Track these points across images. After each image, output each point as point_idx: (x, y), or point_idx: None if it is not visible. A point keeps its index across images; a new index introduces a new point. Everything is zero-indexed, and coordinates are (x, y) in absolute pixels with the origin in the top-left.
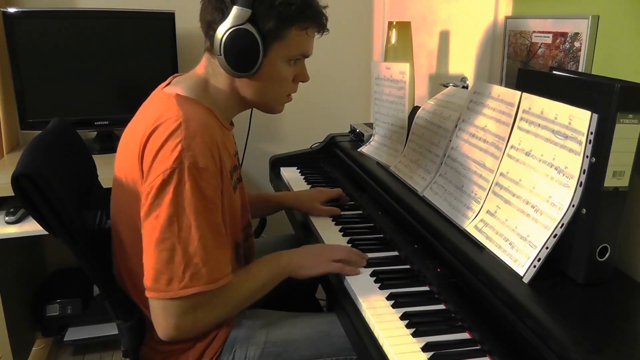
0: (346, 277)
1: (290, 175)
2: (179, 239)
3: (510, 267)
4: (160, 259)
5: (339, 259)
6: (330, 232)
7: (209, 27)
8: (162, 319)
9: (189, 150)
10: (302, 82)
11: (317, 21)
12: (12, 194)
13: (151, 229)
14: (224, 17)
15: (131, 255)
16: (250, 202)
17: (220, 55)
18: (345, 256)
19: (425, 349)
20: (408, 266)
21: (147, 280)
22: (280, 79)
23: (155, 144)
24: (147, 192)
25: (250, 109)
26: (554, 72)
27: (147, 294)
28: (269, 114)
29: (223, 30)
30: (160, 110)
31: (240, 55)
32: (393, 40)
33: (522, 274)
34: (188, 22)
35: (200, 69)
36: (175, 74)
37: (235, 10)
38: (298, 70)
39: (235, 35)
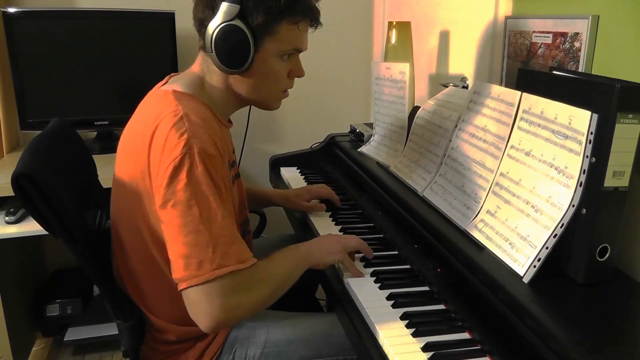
0: (347, 277)
1: (290, 175)
2: (201, 220)
3: (510, 267)
4: (187, 244)
5: (353, 247)
6: (329, 232)
7: (201, 25)
8: (205, 304)
9: (196, 137)
10: (298, 77)
11: (309, 15)
12: (12, 194)
13: (171, 218)
14: (214, 13)
15: (131, 255)
16: None
17: (212, 52)
18: (358, 246)
19: (425, 349)
20: (408, 266)
21: (178, 271)
22: (274, 75)
23: (161, 139)
24: (159, 185)
25: (248, 107)
26: (554, 72)
27: (181, 286)
28: (268, 113)
29: (213, 26)
30: (160, 106)
31: (231, 51)
32: (393, 40)
33: (522, 274)
34: (188, 22)
35: (196, 67)
36: (171, 74)
37: (224, 6)
38: (292, 66)
39: (225, 31)
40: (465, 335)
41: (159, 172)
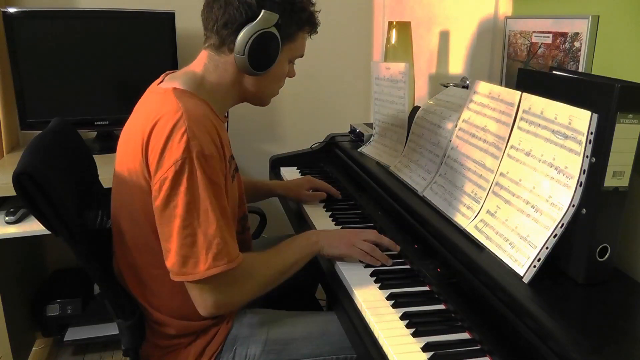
0: (343, 272)
1: (290, 175)
2: (199, 223)
3: (510, 267)
4: (185, 244)
5: (363, 248)
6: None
7: (224, 27)
8: (199, 299)
9: (195, 139)
10: (289, 77)
11: (316, 26)
12: (13, 193)
13: (172, 218)
14: (248, 19)
15: (132, 248)
16: None
17: (244, 54)
18: (368, 249)
19: (425, 349)
20: (408, 266)
21: (174, 265)
22: (281, 77)
23: (160, 137)
24: (159, 185)
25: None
26: (554, 72)
27: (176, 278)
28: (268, 113)
29: (251, 32)
30: (159, 103)
31: (263, 55)
32: (393, 40)
33: (522, 274)
34: (188, 22)
35: (196, 66)
36: (167, 72)
37: (264, 13)
38: (290, 68)
39: (264, 37)
40: (465, 335)
41: (158, 172)
